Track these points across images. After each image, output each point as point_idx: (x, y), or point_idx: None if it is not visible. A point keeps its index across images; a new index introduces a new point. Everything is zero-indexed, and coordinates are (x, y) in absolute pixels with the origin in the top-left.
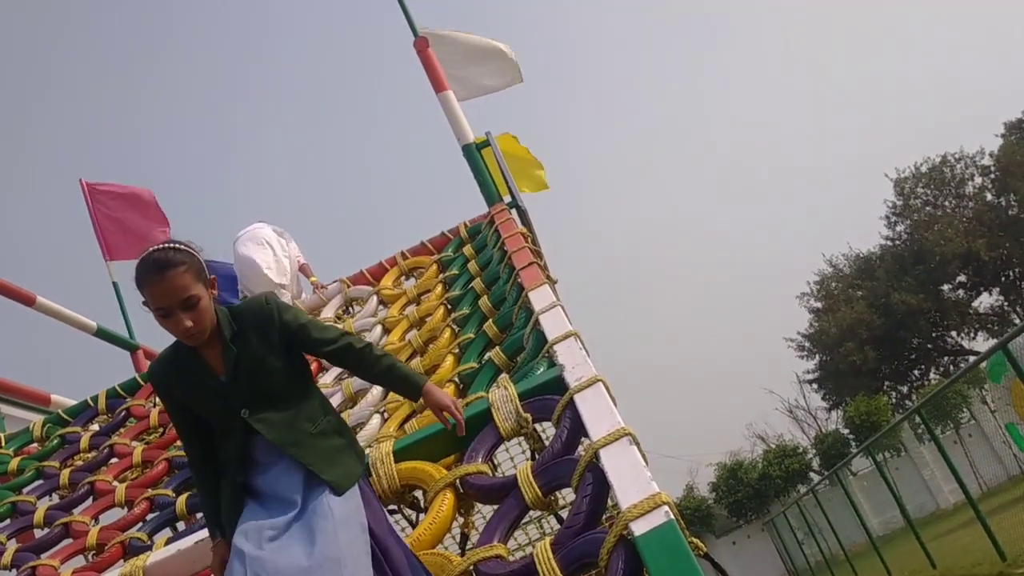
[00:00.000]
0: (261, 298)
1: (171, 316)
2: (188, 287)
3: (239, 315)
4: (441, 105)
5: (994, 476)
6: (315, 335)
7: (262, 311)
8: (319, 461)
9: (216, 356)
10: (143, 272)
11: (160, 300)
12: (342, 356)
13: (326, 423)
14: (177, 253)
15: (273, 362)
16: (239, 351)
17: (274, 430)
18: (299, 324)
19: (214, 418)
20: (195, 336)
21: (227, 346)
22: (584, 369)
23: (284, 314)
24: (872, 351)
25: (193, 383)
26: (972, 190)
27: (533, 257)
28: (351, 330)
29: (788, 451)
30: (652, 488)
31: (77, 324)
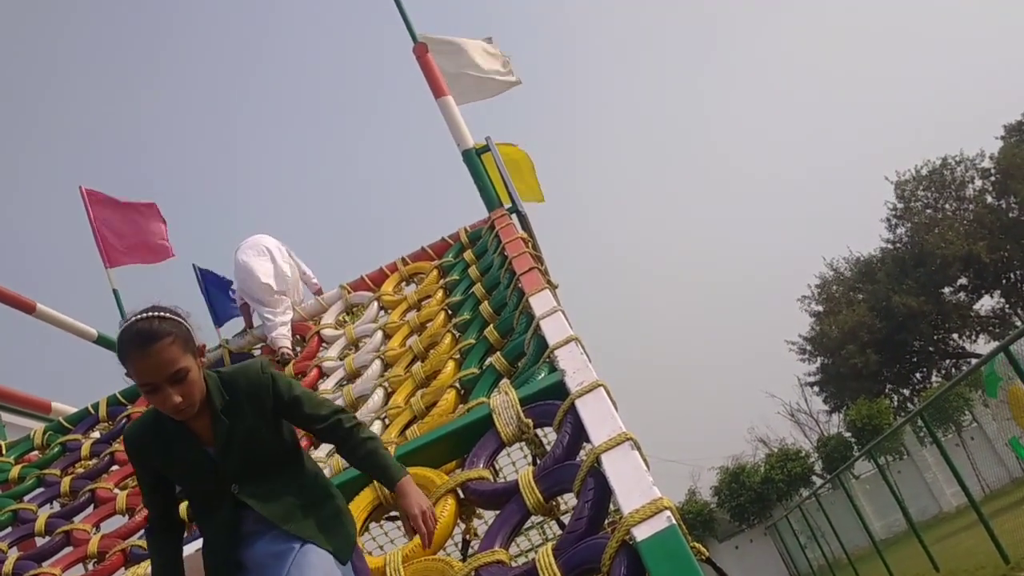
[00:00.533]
0: (257, 365)
1: (158, 392)
2: (176, 360)
3: (232, 382)
4: (440, 110)
5: (997, 479)
6: (307, 411)
7: (258, 380)
8: (318, 533)
9: (205, 427)
10: (126, 345)
11: (146, 376)
12: (330, 435)
13: (319, 490)
14: (163, 322)
15: (266, 433)
16: (231, 423)
17: (267, 505)
18: (292, 397)
19: (198, 491)
20: (185, 411)
21: (218, 417)
22: (585, 374)
23: (279, 385)
24: (873, 354)
25: (177, 455)
26: (972, 192)
27: (533, 262)
28: (352, 336)
29: (790, 455)
30: (654, 493)
31: (77, 332)
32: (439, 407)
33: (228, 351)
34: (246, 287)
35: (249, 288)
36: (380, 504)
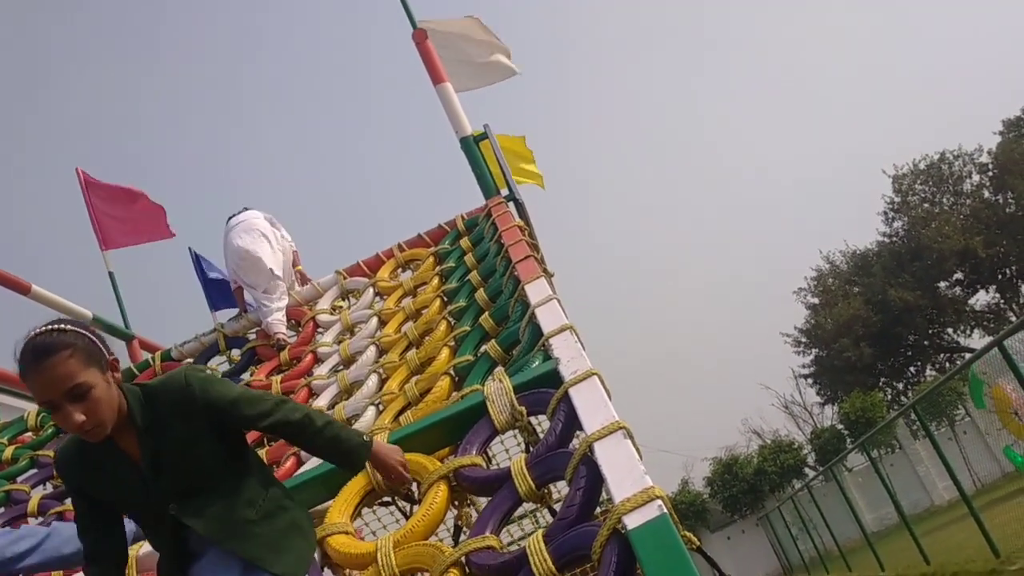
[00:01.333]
0: (180, 377)
1: (59, 410)
2: (74, 375)
3: (153, 397)
4: (439, 97)
5: (989, 473)
6: (247, 412)
7: (182, 392)
8: (265, 552)
9: (133, 445)
10: (21, 360)
11: (43, 392)
12: (280, 430)
13: (268, 503)
14: (61, 335)
15: (201, 447)
16: (157, 441)
17: (209, 524)
18: (228, 401)
19: (137, 513)
20: (93, 432)
21: (142, 435)
22: (579, 363)
23: (208, 392)
24: (868, 347)
25: (108, 478)
26: (970, 187)
27: (530, 250)
28: (347, 322)
29: (783, 446)
30: (646, 482)
31: (72, 314)
32: (433, 394)
33: (223, 335)
34: (242, 272)
35: (245, 274)
36: (372, 490)
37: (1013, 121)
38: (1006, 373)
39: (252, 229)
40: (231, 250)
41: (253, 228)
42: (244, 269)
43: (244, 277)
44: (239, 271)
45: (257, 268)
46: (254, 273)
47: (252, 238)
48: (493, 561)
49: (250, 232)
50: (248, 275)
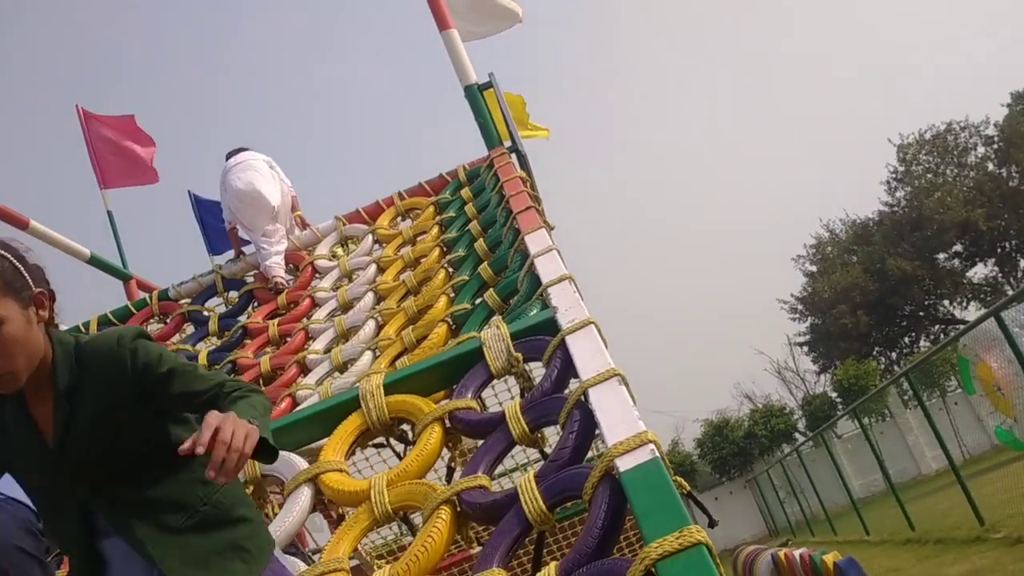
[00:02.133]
0: (114, 337)
1: None
2: None
3: (82, 355)
4: (444, 44)
5: (977, 444)
6: (180, 388)
7: (113, 356)
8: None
9: (46, 413)
10: None
11: None
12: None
13: (207, 512)
14: None
15: (124, 424)
16: (74, 408)
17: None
18: (161, 373)
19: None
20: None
21: (59, 399)
22: (577, 312)
23: (141, 357)
24: (864, 316)
25: (12, 445)
26: (974, 159)
27: (531, 202)
28: (345, 268)
29: (775, 411)
30: (639, 426)
31: (70, 251)
32: (430, 340)
33: (221, 277)
34: (241, 213)
35: (244, 215)
36: (367, 430)
37: (1021, 94)
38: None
39: (252, 169)
40: (230, 190)
41: (253, 168)
42: (243, 210)
43: (242, 218)
44: (238, 212)
45: (257, 208)
46: (253, 214)
47: (252, 178)
48: (484, 500)
49: (250, 172)
50: (247, 216)
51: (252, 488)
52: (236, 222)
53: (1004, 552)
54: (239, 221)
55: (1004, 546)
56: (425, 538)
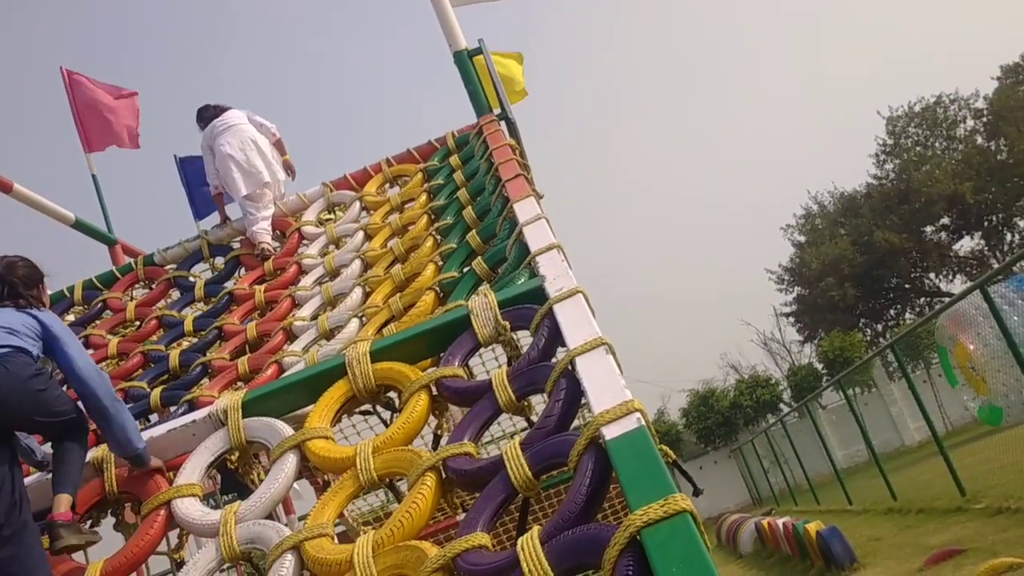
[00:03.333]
0: None
1: None
2: None
3: None
4: (433, 8)
5: (960, 416)
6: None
7: None
8: None
9: None
10: None
11: None
12: None
13: None
14: None
15: None
16: None
17: None
18: None
19: None
20: None
21: None
22: (565, 280)
23: None
24: (851, 288)
25: None
26: (963, 133)
27: (520, 170)
28: (333, 235)
29: (760, 382)
30: (625, 395)
31: (54, 215)
32: (417, 308)
33: (207, 243)
34: (229, 180)
35: (232, 182)
36: (353, 396)
37: (1011, 67)
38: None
39: (241, 135)
40: (219, 155)
41: (242, 135)
42: (231, 177)
43: (229, 183)
44: (225, 177)
45: (246, 176)
46: (242, 183)
47: (241, 144)
48: (469, 467)
49: (239, 138)
50: (235, 184)
51: (237, 455)
52: (222, 187)
53: (984, 522)
54: (225, 186)
55: (985, 516)
56: (410, 504)
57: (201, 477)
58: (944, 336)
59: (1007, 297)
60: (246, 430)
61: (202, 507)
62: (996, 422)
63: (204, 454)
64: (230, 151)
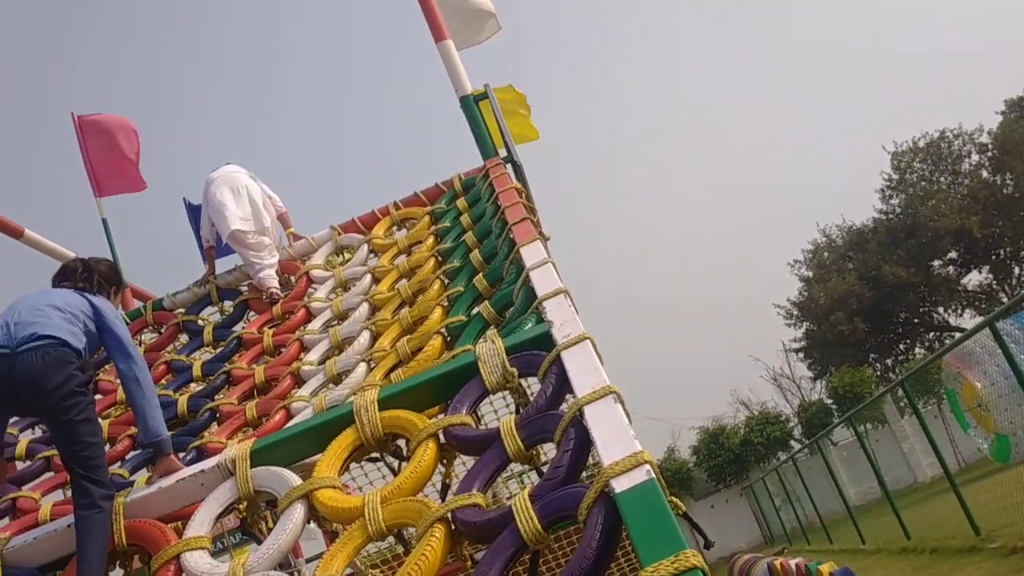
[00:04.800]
0: None
1: None
2: None
3: None
4: (440, 55)
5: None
6: None
7: None
8: None
9: None
10: None
11: None
12: None
13: None
14: None
15: None
16: None
17: None
18: None
19: None
20: None
21: None
22: (572, 326)
23: None
24: (860, 322)
25: None
26: (969, 167)
27: (526, 213)
28: (340, 278)
29: (771, 418)
30: (635, 446)
31: (64, 259)
32: (425, 352)
33: (216, 287)
34: (219, 219)
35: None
36: (361, 445)
37: (1015, 101)
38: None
39: (235, 184)
40: (212, 204)
41: (234, 183)
42: (219, 224)
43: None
44: (218, 226)
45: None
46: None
47: (230, 192)
48: (479, 518)
49: (230, 185)
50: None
51: (246, 504)
52: (213, 240)
53: (999, 563)
54: (217, 226)
55: (999, 556)
56: (419, 557)
57: (210, 529)
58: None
59: (1013, 335)
60: (254, 480)
61: (211, 560)
62: (1005, 459)
63: (213, 505)
64: (221, 197)
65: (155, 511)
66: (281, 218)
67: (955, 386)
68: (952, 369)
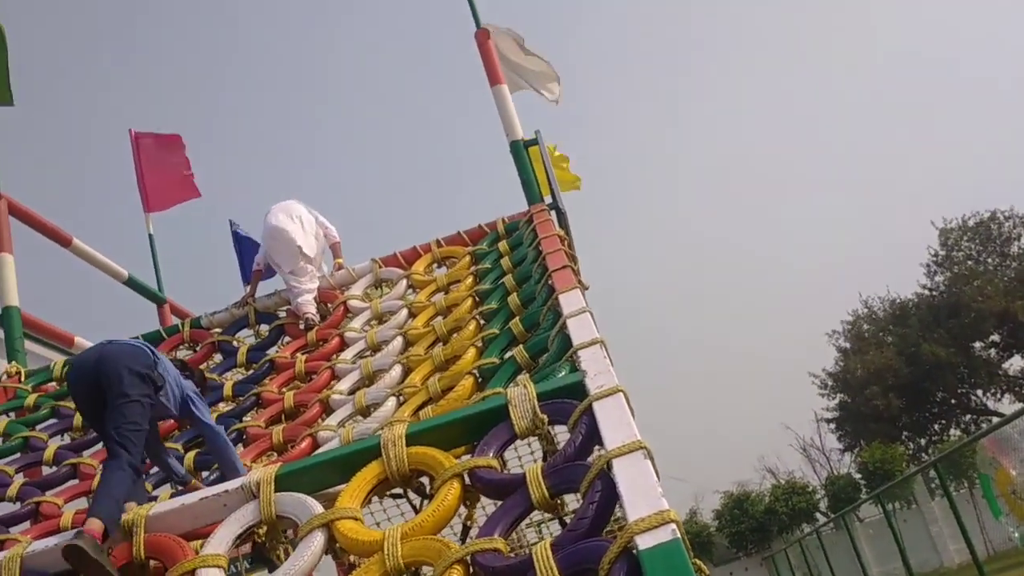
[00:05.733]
0: None
1: None
2: None
3: None
4: (494, 98)
5: (1003, 540)
6: None
7: None
8: None
9: None
10: None
11: None
12: None
13: None
14: None
15: None
16: None
17: None
18: None
19: None
20: None
21: None
22: (606, 378)
23: None
24: (895, 398)
25: None
26: (1017, 250)
27: (567, 260)
28: (377, 310)
29: (797, 488)
30: (662, 504)
31: (108, 270)
32: (455, 392)
33: (255, 310)
34: (273, 251)
35: (276, 252)
36: (385, 479)
37: None
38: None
39: (290, 212)
40: (266, 229)
41: (290, 211)
42: (275, 248)
43: (275, 256)
44: (271, 250)
45: (287, 247)
46: (284, 252)
47: (287, 219)
48: (498, 564)
49: (287, 213)
50: (278, 254)
51: (265, 529)
52: (265, 261)
53: None
54: (271, 259)
55: None
56: None
57: (228, 549)
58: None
59: None
60: (277, 504)
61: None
62: None
63: (233, 525)
64: (274, 222)
65: (176, 527)
66: (333, 248)
67: (989, 471)
68: (988, 453)
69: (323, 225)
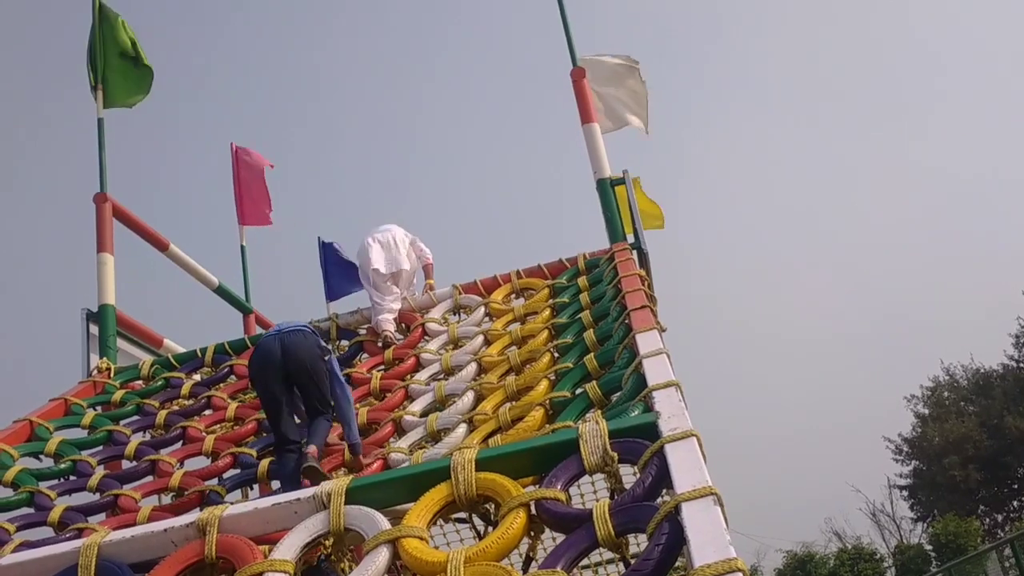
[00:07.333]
0: None
1: None
2: None
3: None
4: (585, 136)
5: None
6: None
7: None
8: None
9: None
10: None
11: None
12: None
13: None
14: None
15: None
16: None
17: None
18: None
19: None
20: None
21: None
22: (680, 420)
23: None
24: (974, 471)
25: None
26: None
27: (647, 301)
28: (454, 335)
29: (864, 555)
30: (730, 552)
31: (200, 277)
32: (525, 422)
33: (336, 325)
34: (362, 267)
35: (363, 268)
36: (452, 502)
37: None
38: None
39: (384, 233)
40: (359, 248)
41: (385, 233)
42: (363, 265)
43: (362, 273)
44: (361, 267)
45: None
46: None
47: (379, 239)
48: None
49: (381, 234)
50: (365, 271)
51: (332, 541)
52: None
53: None
54: (361, 274)
55: None
56: None
57: (295, 556)
58: None
59: None
60: (346, 516)
61: None
62: None
63: (302, 533)
64: (368, 242)
65: (247, 531)
66: (425, 269)
67: None
68: None
69: (417, 247)
